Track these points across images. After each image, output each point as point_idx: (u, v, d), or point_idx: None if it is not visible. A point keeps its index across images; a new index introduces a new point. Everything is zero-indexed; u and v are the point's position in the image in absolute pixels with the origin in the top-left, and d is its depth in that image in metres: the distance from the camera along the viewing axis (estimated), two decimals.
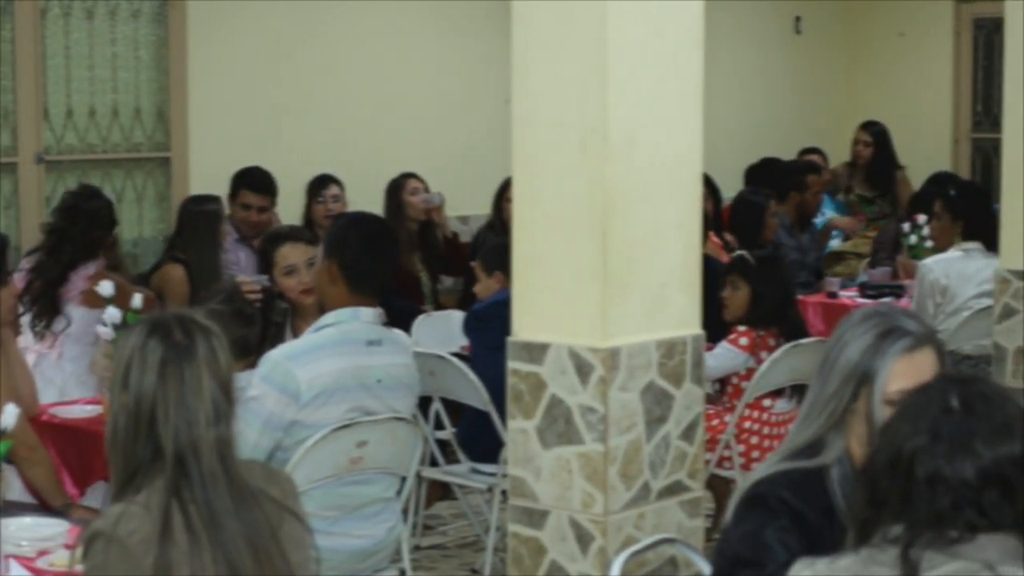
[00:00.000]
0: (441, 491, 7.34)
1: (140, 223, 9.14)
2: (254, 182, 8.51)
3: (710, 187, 9.63)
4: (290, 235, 6.17)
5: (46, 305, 6.94)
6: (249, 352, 5.45)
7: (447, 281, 9.36)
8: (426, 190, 9.10)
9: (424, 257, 9.04)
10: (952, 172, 11.20)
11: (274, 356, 4.92)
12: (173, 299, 7.44)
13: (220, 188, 8.41)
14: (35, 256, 7.11)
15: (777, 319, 6.68)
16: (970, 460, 2.55)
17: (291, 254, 6.00)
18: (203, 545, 3.02)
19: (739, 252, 7.56)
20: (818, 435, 3.33)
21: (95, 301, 6.44)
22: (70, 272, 6.97)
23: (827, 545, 3.12)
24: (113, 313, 5.76)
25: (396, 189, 9.04)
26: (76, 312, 6.92)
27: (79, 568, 3.08)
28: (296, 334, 5.73)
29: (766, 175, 10.34)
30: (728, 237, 9.19)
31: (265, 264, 6.24)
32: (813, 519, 3.25)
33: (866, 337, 3.28)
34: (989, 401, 2.61)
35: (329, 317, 5.04)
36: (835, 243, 10.88)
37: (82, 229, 7.05)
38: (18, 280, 6.82)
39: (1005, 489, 2.54)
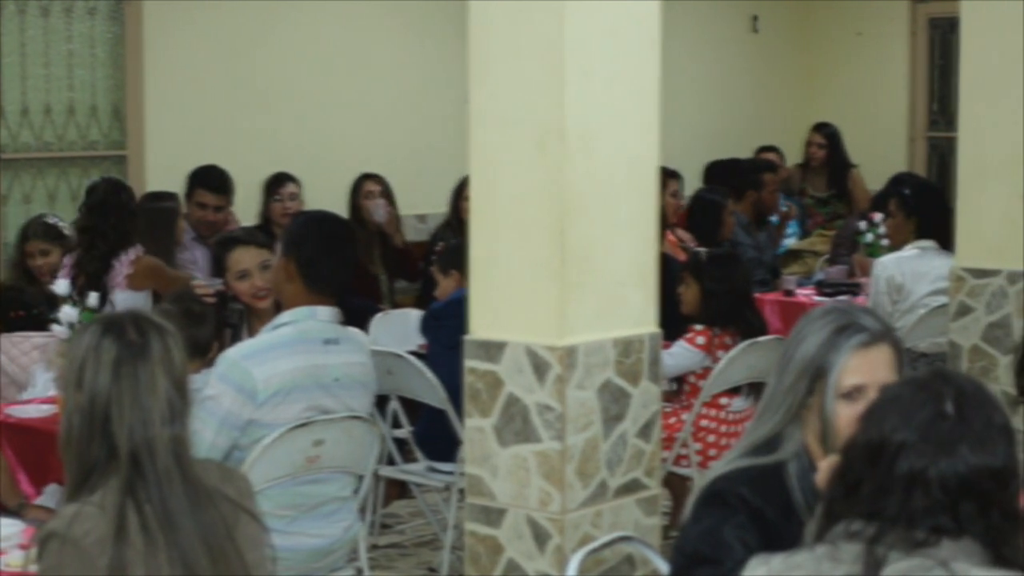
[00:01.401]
0: (399, 490, 7.34)
1: None
2: (209, 181, 8.49)
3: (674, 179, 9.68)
4: (242, 239, 6.12)
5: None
6: (201, 352, 5.42)
7: (403, 281, 9.38)
8: (383, 193, 9.10)
9: (383, 257, 9.05)
10: (912, 172, 11.25)
11: (231, 355, 4.91)
12: None
13: (177, 186, 8.41)
14: (74, 254, 7.41)
15: (732, 318, 6.70)
16: (954, 467, 2.54)
17: (243, 258, 5.96)
18: (158, 545, 3.01)
19: (694, 249, 7.59)
20: (775, 431, 3.34)
21: (138, 283, 7.06)
22: (112, 261, 7.29)
23: (786, 541, 3.13)
24: (69, 312, 5.74)
25: (355, 190, 9.08)
26: (120, 296, 7.12)
27: (33, 569, 3.07)
28: (252, 335, 5.71)
29: (723, 174, 10.39)
30: (682, 234, 9.21)
31: (219, 267, 6.21)
32: (771, 515, 3.26)
33: (822, 332, 3.30)
34: (981, 409, 2.60)
35: (286, 316, 5.02)
36: (791, 241, 10.91)
37: (114, 223, 7.40)
38: (61, 276, 7.08)
39: (982, 500, 2.55)
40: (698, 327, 6.70)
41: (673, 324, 6.80)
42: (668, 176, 9.11)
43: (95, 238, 7.36)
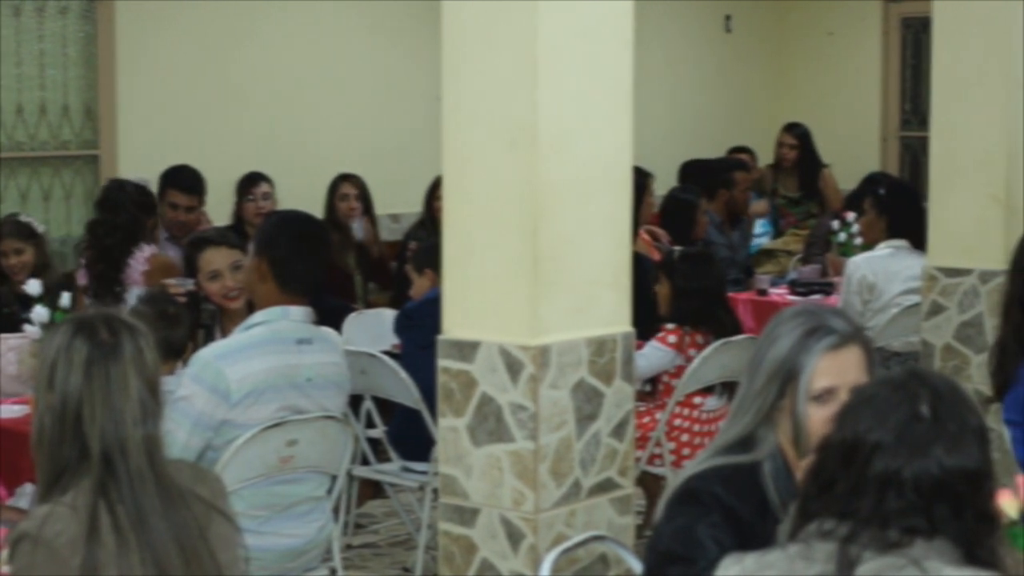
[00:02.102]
0: (373, 490, 7.33)
1: (68, 221, 9.07)
2: (181, 182, 8.48)
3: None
4: (214, 239, 6.11)
5: (108, 296, 7.40)
6: (174, 353, 5.41)
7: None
8: (359, 196, 9.08)
9: (358, 257, 9.04)
10: (886, 172, 11.29)
11: (204, 355, 4.90)
12: None
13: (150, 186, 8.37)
14: (88, 254, 7.62)
15: (704, 317, 6.70)
16: (928, 468, 2.55)
17: (215, 259, 5.94)
18: (131, 546, 3.00)
19: (668, 248, 7.60)
20: (747, 431, 3.35)
21: (154, 280, 7.15)
22: (128, 258, 7.46)
23: (760, 540, 3.14)
24: (40, 312, 5.72)
25: (332, 190, 9.07)
26: (136, 293, 7.18)
27: (6, 570, 3.06)
28: (225, 335, 5.69)
29: (698, 173, 10.40)
30: (658, 231, 9.21)
31: (191, 267, 6.19)
32: (745, 515, 3.26)
33: (793, 335, 3.30)
34: (956, 411, 2.60)
35: (259, 316, 5.01)
36: (764, 240, 10.93)
37: (125, 220, 7.62)
38: (80, 277, 7.55)
39: (956, 501, 2.55)
40: (669, 326, 6.71)
41: (645, 324, 6.83)
42: (645, 177, 9.13)
43: (108, 233, 7.54)
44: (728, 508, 3.26)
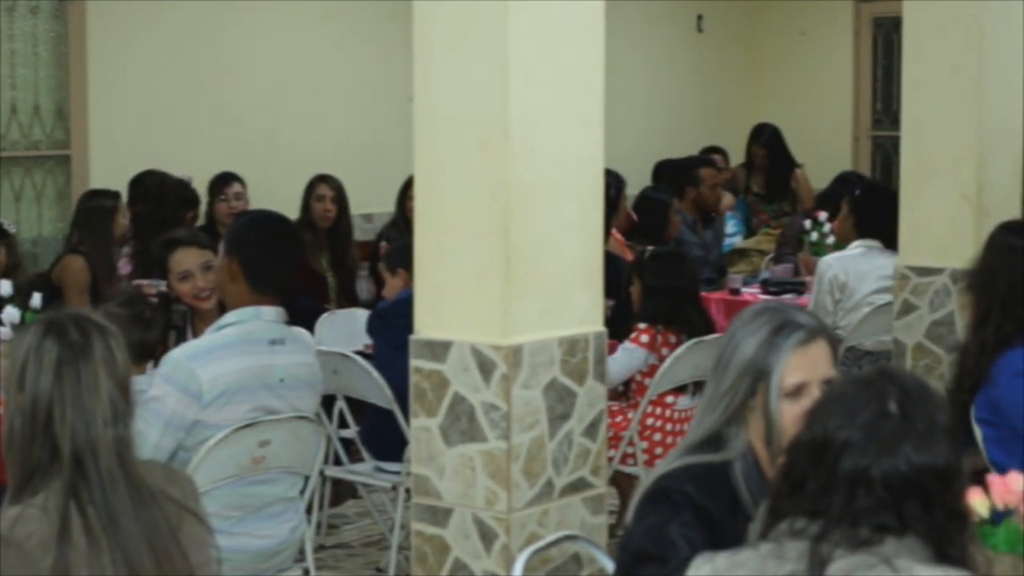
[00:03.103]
0: (351, 490, 7.33)
1: (40, 222, 9.05)
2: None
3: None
4: (184, 240, 6.08)
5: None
6: (147, 356, 5.39)
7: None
8: (335, 198, 9.05)
9: (331, 258, 9.03)
10: (858, 171, 11.32)
11: (176, 356, 4.89)
12: (74, 289, 7.46)
13: (120, 185, 8.37)
14: (131, 244, 7.89)
15: (675, 316, 6.71)
16: (898, 466, 2.55)
17: (185, 259, 5.92)
18: (102, 546, 2.99)
19: (642, 248, 7.61)
20: (715, 429, 3.35)
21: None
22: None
23: (731, 539, 3.14)
24: (11, 313, 5.70)
25: (308, 190, 9.05)
26: None
27: None
28: (197, 336, 5.68)
29: (668, 174, 10.43)
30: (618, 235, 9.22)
31: (162, 268, 6.18)
32: (716, 513, 3.26)
33: (760, 333, 3.31)
34: (925, 409, 2.61)
35: (231, 316, 5.00)
36: (736, 240, 10.95)
37: (167, 214, 7.99)
38: (123, 267, 7.78)
39: (926, 499, 2.56)
40: (642, 325, 6.72)
41: (621, 325, 6.84)
42: (620, 182, 9.17)
43: (150, 224, 7.85)
44: (699, 507, 3.26)
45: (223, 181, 8.99)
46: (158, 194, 8.27)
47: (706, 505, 3.27)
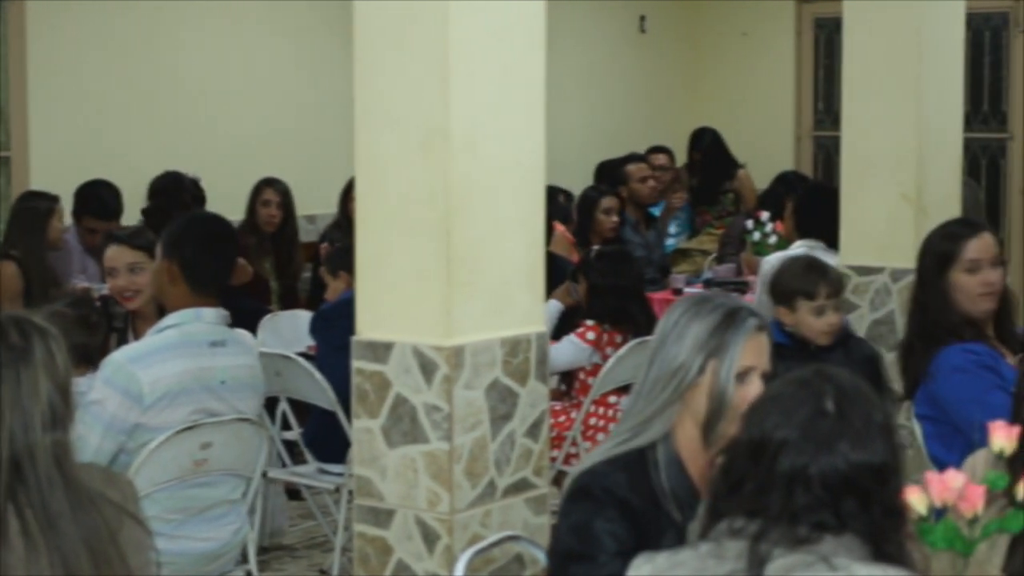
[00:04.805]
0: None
1: None
2: (99, 209, 8.42)
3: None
4: (119, 237, 6.02)
5: None
6: (90, 360, 5.36)
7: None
8: (281, 204, 9.02)
9: (275, 263, 9.01)
10: (797, 171, 11.37)
11: (116, 358, 4.86)
12: (6, 296, 7.36)
13: (61, 187, 8.29)
14: None
15: (620, 315, 6.73)
16: (835, 464, 2.57)
17: (113, 256, 5.85)
18: (40, 550, 2.97)
19: (589, 248, 7.64)
20: (648, 418, 3.38)
21: None
22: None
23: (654, 529, 3.19)
24: None
25: (254, 194, 9.02)
26: None
27: None
28: (138, 338, 5.65)
29: (602, 175, 10.50)
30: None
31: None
32: (638, 505, 3.29)
33: (714, 315, 3.36)
34: (861, 407, 2.63)
35: (171, 318, 4.98)
36: (679, 239, 10.98)
37: (161, 204, 8.21)
38: None
39: (863, 497, 2.58)
40: (589, 322, 6.74)
41: (566, 323, 6.86)
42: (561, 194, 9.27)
43: (164, 221, 7.86)
44: (621, 500, 3.29)
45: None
46: (173, 193, 8.49)
47: (628, 498, 3.29)
